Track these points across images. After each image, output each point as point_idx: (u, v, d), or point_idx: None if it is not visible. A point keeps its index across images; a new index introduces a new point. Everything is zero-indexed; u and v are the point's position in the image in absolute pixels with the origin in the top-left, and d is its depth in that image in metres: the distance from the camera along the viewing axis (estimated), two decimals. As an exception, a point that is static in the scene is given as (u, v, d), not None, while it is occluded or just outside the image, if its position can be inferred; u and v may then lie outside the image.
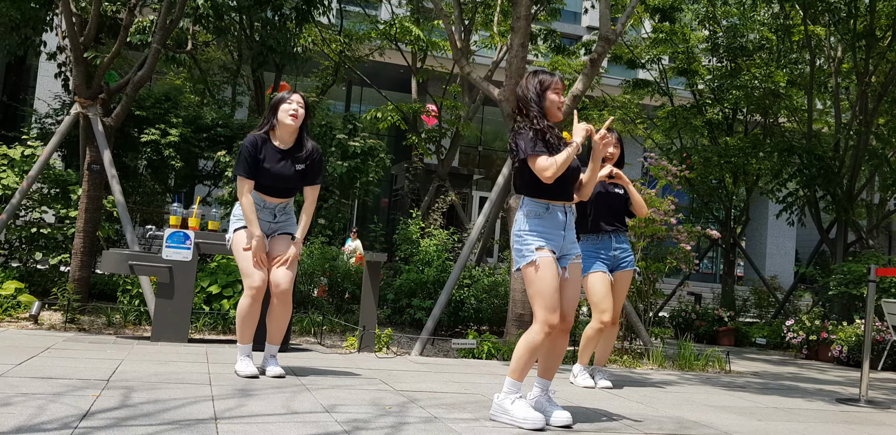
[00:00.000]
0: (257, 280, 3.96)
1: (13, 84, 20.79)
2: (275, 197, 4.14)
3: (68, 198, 7.81)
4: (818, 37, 11.90)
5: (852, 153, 11.19)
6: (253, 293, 3.97)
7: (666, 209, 6.54)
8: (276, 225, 4.19)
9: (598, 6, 6.80)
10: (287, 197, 4.20)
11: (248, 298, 3.99)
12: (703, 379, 5.64)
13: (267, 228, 4.16)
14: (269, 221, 4.16)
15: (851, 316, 8.95)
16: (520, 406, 3.14)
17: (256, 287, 3.96)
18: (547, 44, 14.13)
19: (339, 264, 8.27)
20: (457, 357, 5.85)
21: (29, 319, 5.78)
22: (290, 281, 4.03)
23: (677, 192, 7.76)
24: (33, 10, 8.83)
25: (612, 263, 4.75)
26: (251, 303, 4.00)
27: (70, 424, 2.60)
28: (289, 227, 4.22)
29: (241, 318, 4.04)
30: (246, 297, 4.00)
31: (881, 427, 4.01)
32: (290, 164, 4.10)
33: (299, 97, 4.16)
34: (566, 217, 3.33)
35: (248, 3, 9.47)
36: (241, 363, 4.04)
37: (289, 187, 4.16)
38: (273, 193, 4.13)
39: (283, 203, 4.19)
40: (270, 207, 4.16)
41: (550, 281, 3.16)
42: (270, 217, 4.17)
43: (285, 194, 4.18)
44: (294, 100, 4.11)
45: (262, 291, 3.98)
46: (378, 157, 9.84)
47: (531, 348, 3.14)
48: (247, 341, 4.09)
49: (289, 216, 4.26)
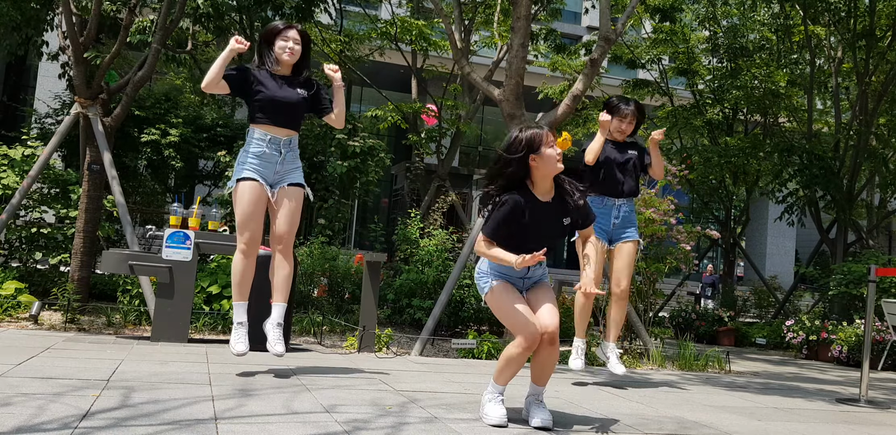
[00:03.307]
0: (248, 236, 3.87)
1: (13, 84, 20.79)
2: (280, 127, 3.95)
3: (68, 198, 7.81)
4: (818, 37, 11.90)
5: (852, 153, 11.19)
6: (244, 249, 3.91)
7: (666, 209, 6.54)
8: (282, 167, 3.99)
9: (598, 6, 6.80)
10: (293, 128, 4.02)
11: (240, 254, 3.93)
12: (703, 379, 5.64)
13: (272, 172, 3.97)
14: (275, 163, 3.96)
15: (851, 316, 8.95)
16: (491, 404, 3.22)
17: (247, 243, 3.89)
18: (547, 44, 14.12)
19: (339, 264, 8.26)
20: (457, 357, 5.85)
21: (29, 319, 5.78)
22: (291, 235, 3.93)
23: (677, 193, 7.77)
24: (34, 10, 8.82)
25: (610, 232, 4.70)
26: (243, 259, 3.94)
27: (70, 424, 2.60)
28: (295, 173, 4.04)
29: (234, 276, 3.98)
30: (238, 253, 3.94)
31: (881, 427, 4.01)
32: (291, 87, 3.96)
33: (296, 33, 3.98)
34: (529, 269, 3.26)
35: (248, 3, 9.46)
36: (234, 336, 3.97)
37: (292, 113, 3.98)
38: (277, 122, 3.94)
39: (289, 137, 4.00)
40: (276, 142, 3.95)
41: (511, 302, 3.18)
42: (277, 154, 3.96)
43: (290, 123, 3.99)
44: (290, 37, 3.95)
45: (253, 248, 3.89)
46: (378, 157, 9.85)
47: (508, 359, 3.18)
48: (241, 298, 4.03)
49: (295, 155, 4.06)
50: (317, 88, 4.10)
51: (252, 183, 3.92)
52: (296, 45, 3.97)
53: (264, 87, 3.92)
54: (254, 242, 3.90)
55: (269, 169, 3.97)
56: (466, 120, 14.09)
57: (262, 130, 3.94)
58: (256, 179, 3.93)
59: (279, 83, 3.97)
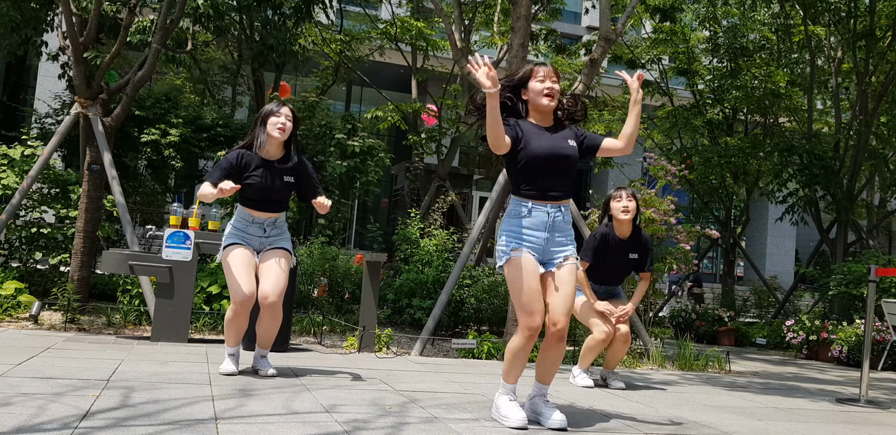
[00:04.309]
0: (240, 296, 3.90)
1: (13, 84, 20.78)
2: (263, 211, 4.07)
3: (68, 198, 7.81)
4: (818, 37, 11.90)
5: (852, 153, 11.18)
6: (237, 308, 3.94)
7: (666, 209, 6.54)
8: (267, 239, 4.12)
9: (598, 6, 6.80)
10: (276, 211, 4.12)
11: (232, 312, 3.97)
12: (703, 379, 5.64)
13: (258, 243, 4.10)
14: (259, 236, 4.10)
15: (851, 316, 8.95)
16: (509, 405, 3.18)
17: (241, 302, 3.91)
18: (547, 44, 14.12)
19: (339, 264, 8.26)
20: (457, 357, 5.85)
21: (29, 319, 5.78)
22: (278, 294, 3.95)
23: (677, 192, 7.76)
24: (34, 10, 8.83)
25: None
26: (233, 317, 3.98)
27: (70, 424, 2.60)
28: (281, 240, 4.15)
29: (226, 326, 4.06)
30: (230, 310, 3.98)
31: (881, 427, 4.01)
32: (278, 176, 4.04)
33: (288, 110, 4.10)
34: (551, 218, 3.21)
35: (248, 2, 9.47)
36: (224, 362, 4.09)
37: (278, 200, 4.08)
38: (261, 208, 4.06)
39: (272, 218, 4.11)
40: (260, 222, 4.08)
41: (526, 282, 3.10)
42: (260, 232, 4.10)
43: (274, 209, 4.10)
44: (283, 113, 4.06)
45: (246, 307, 3.93)
46: (378, 156, 9.84)
47: (513, 351, 3.15)
48: (233, 344, 4.11)
49: (280, 230, 4.17)
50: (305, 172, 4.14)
51: (239, 247, 4.03)
52: (287, 120, 4.06)
53: (254, 176, 4.00)
54: (248, 299, 3.93)
55: (255, 240, 4.10)
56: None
57: (248, 212, 4.07)
58: (243, 244, 4.05)
59: (268, 172, 4.03)
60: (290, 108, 4.14)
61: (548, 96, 3.21)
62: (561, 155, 3.20)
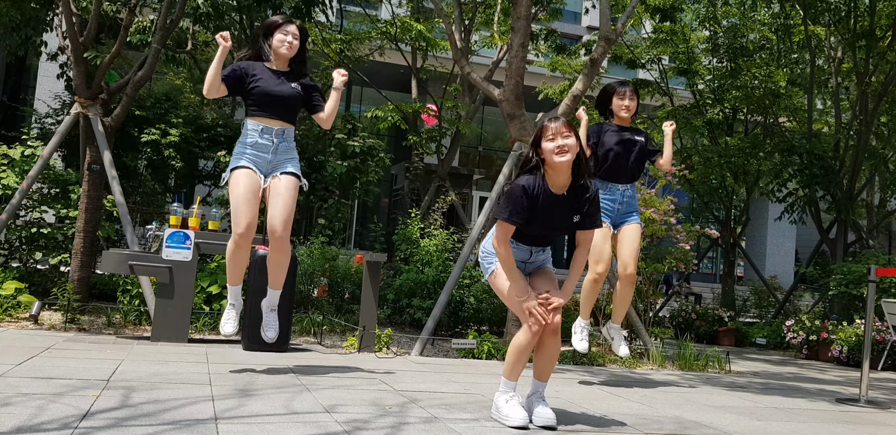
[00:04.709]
0: (242, 226, 3.87)
1: (13, 84, 20.76)
2: (272, 118, 3.96)
3: (68, 198, 7.81)
4: (818, 37, 11.89)
5: (852, 153, 11.18)
6: (237, 239, 3.92)
7: (666, 209, 6.55)
8: (275, 157, 3.99)
9: (598, 6, 6.80)
10: (287, 121, 4.02)
11: (233, 244, 3.96)
12: (703, 379, 5.64)
13: (266, 162, 3.98)
14: (267, 153, 3.97)
15: (851, 316, 8.95)
16: (509, 404, 3.20)
17: (241, 233, 3.89)
18: (547, 44, 14.11)
19: (339, 264, 8.26)
20: (457, 357, 5.85)
21: (29, 319, 5.78)
22: (285, 225, 3.91)
23: (677, 192, 7.77)
24: (34, 10, 8.83)
25: (615, 216, 4.73)
26: (235, 249, 3.97)
27: (70, 424, 2.60)
28: (290, 163, 4.03)
29: (228, 260, 4.04)
30: (231, 241, 3.97)
31: (881, 427, 4.01)
32: (287, 84, 3.98)
33: (295, 29, 4.01)
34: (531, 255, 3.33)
35: (248, 2, 9.46)
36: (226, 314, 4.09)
37: (288, 107, 3.99)
38: (270, 113, 3.95)
39: (282, 127, 4.01)
40: (269, 132, 3.96)
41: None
42: (270, 144, 3.96)
43: (285, 117, 4.00)
44: (289, 31, 3.98)
45: (247, 238, 3.90)
46: (378, 156, 9.84)
47: (518, 349, 3.20)
48: (235, 282, 4.10)
49: (289, 145, 4.04)
50: (311, 86, 4.13)
51: (246, 171, 3.94)
52: (294, 39, 4.00)
53: (260, 80, 3.94)
54: (248, 231, 3.90)
55: (263, 159, 3.98)
56: (466, 120, 14.08)
57: (256, 121, 3.97)
58: (250, 167, 3.96)
59: (274, 77, 3.99)
60: (297, 23, 4.05)
61: (559, 153, 3.13)
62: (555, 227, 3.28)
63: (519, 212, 3.13)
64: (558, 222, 3.23)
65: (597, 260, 4.56)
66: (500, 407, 3.22)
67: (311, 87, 4.13)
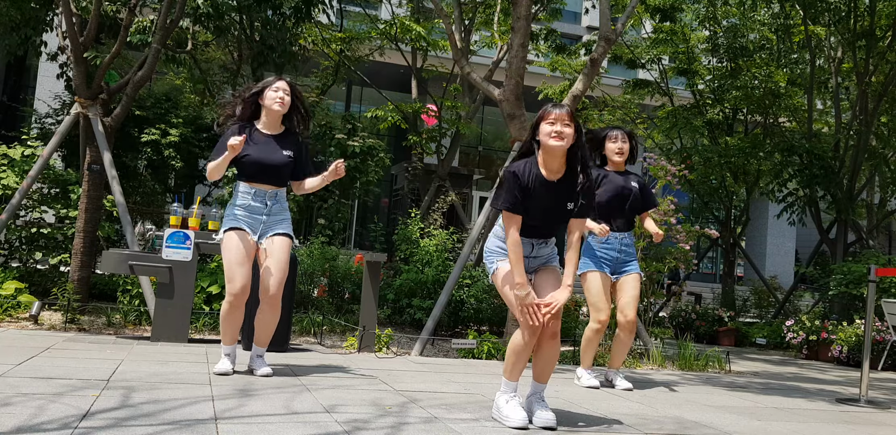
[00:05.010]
0: (237, 288, 3.86)
1: (13, 84, 20.75)
2: (264, 184, 4.00)
3: (68, 198, 7.81)
4: (818, 37, 11.89)
5: (852, 153, 11.18)
6: (232, 300, 3.89)
7: (666, 209, 6.54)
8: (269, 219, 4.02)
9: (598, 6, 6.80)
10: (277, 184, 4.04)
11: (228, 305, 3.92)
12: (703, 379, 5.64)
13: (259, 223, 4.01)
14: (261, 215, 4.00)
15: (851, 316, 8.95)
16: (510, 405, 3.19)
17: (235, 294, 3.87)
18: (547, 44, 14.11)
19: (339, 264, 8.26)
20: (457, 357, 5.85)
21: (29, 319, 5.78)
22: (279, 285, 3.92)
23: (677, 192, 7.76)
24: (33, 10, 8.82)
25: (613, 266, 4.74)
26: (230, 309, 3.93)
27: (70, 424, 2.60)
28: (283, 224, 4.06)
29: (222, 321, 4.02)
30: (226, 302, 3.93)
31: (881, 427, 4.01)
32: (279, 150, 3.99)
33: (284, 84, 4.03)
34: (533, 248, 3.30)
35: (248, 2, 9.46)
36: (219, 362, 4.03)
37: (280, 175, 4.01)
38: (262, 180, 3.99)
39: (275, 190, 4.04)
40: (261, 195, 4.00)
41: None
42: (263, 206, 4.00)
43: (276, 182, 4.03)
44: (280, 87, 4.00)
45: (241, 299, 3.90)
46: (378, 156, 9.84)
47: (515, 349, 3.19)
48: (228, 343, 4.05)
49: (282, 206, 4.08)
50: (302, 149, 4.12)
51: (239, 232, 3.96)
52: (285, 94, 4.02)
53: (251, 148, 3.95)
54: (243, 292, 3.89)
55: (257, 220, 4.01)
56: (466, 120, 14.08)
57: (248, 185, 4.01)
58: (243, 229, 3.98)
59: (266, 144, 4.00)
60: (288, 80, 4.07)
61: (555, 138, 3.12)
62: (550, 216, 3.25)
63: (513, 197, 3.11)
64: (553, 210, 3.21)
65: (598, 308, 4.58)
66: (501, 407, 3.23)
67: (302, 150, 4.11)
